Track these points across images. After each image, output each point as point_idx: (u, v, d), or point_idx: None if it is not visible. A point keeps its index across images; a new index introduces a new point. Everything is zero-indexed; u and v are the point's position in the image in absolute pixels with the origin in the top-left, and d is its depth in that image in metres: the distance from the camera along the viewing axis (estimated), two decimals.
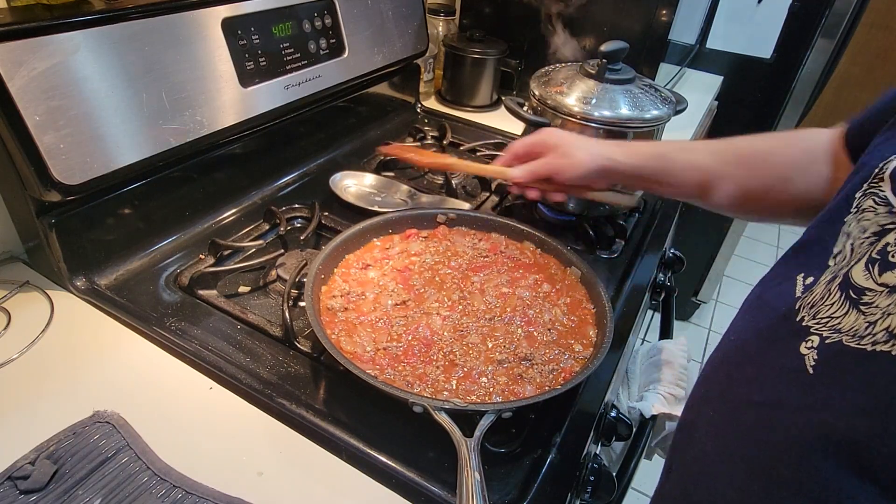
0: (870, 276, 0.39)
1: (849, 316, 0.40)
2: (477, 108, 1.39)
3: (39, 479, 0.49)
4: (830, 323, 0.41)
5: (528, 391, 0.60)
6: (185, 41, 0.74)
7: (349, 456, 0.56)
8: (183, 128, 0.75)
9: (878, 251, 0.39)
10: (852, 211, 0.44)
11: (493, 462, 0.57)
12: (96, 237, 0.72)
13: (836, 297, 0.41)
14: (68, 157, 0.63)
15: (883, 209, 0.41)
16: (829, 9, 1.67)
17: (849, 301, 0.40)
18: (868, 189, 0.43)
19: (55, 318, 0.68)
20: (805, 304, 0.44)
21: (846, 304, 0.40)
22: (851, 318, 0.39)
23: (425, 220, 0.83)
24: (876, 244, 0.40)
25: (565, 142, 0.74)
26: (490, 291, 0.73)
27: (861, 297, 0.39)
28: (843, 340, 0.39)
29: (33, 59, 0.59)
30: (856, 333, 0.38)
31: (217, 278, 0.77)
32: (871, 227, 0.41)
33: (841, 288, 0.41)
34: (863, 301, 0.39)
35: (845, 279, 0.41)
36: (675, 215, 1.06)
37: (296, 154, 1.02)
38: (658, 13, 1.25)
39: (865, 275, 0.39)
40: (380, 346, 0.63)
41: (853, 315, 0.39)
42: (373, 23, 1.05)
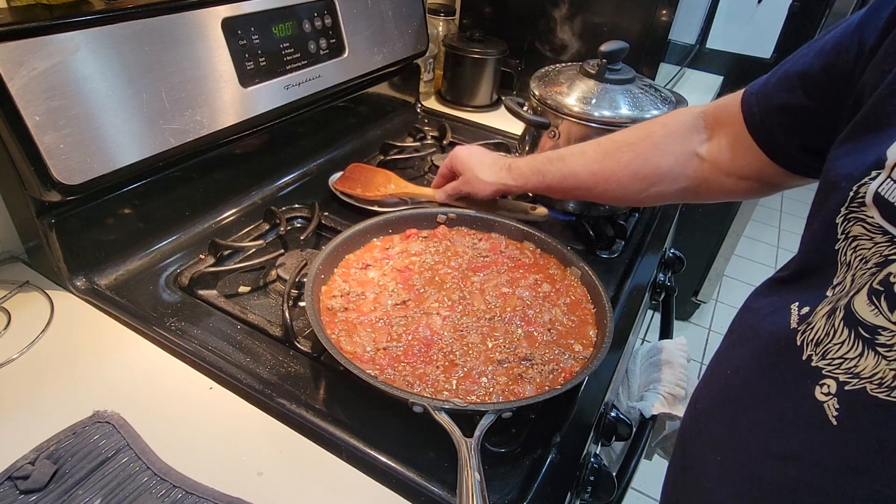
0: (879, 312, 0.36)
1: (866, 359, 0.37)
2: (477, 108, 1.39)
3: (39, 479, 0.49)
4: (845, 365, 0.38)
5: (528, 391, 0.60)
6: (185, 41, 0.74)
7: (349, 456, 0.56)
8: (183, 128, 0.75)
9: (881, 281, 0.37)
10: (839, 238, 0.42)
11: (493, 462, 0.57)
12: (96, 237, 0.72)
13: (845, 335, 0.38)
14: (68, 157, 0.63)
15: (882, 238, 0.38)
16: (829, 9, 1.67)
17: (861, 341, 0.37)
18: (850, 214, 0.40)
19: (55, 318, 0.68)
20: (808, 340, 0.41)
21: (859, 344, 0.37)
22: (870, 361, 0.37)
23: (425, 220, 0.83)
24: (877, 274, 0.38)
25: (468, 167, 0.81)
26: (490, 291, 0.73)
27: (875, 336, 0.36)
28: (868, 389, 0.36)
29: (33, 59, 0.59)
30: (882, 382, 0.36)
31: (217, 278, 0.77)
32: (874, 258, 0.39)
33: (847, 324, 0.38)
34: (878, 342, 0.36)
35: (848, 313, 0.38)
36: (675, 215, 1.06)
37: (296, 154, 1.02)
38: (658, 13, 1.25)
39: (873, 310, 0.37)
40: (380, 346, 0.63)
41: (871, 358, 0.37)
42: (373, 23, 1.05)
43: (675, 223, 1.06)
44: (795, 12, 1.70)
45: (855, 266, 0.40)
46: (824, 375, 0.39)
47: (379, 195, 0.94)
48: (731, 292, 2.66)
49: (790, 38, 1.73)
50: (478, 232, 0.84)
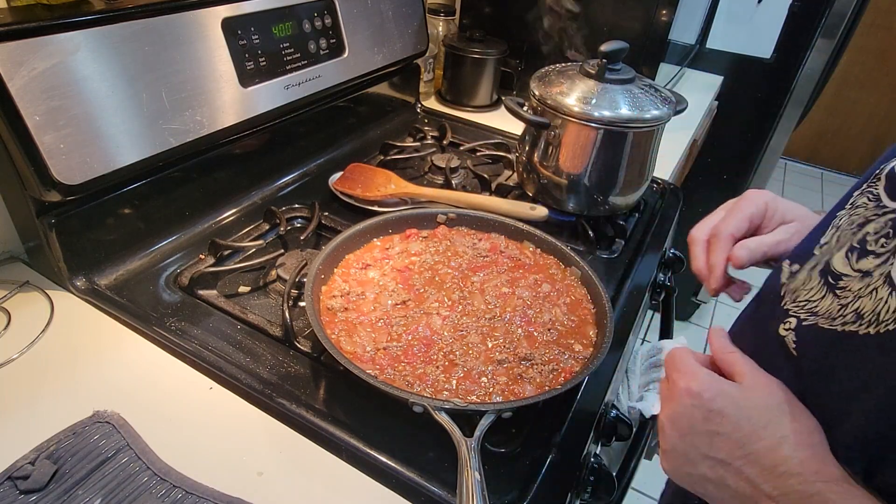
0: (848, 264, 0.41)
1: (824, 300, 0.41)
2: (477, 108, 1.39)
3: (39, 479, 0.49)
4: (808, 307, 0.43)
5: (528, 391, 0.60)
6: (185, 41, 0.74)
7: (349, 456, 0.56)
8: (183, 128, 0.75)
9: (859, 240, 0.41)
10: (846, 207, 0.45)
11: (493, 462, 0.57)
12: (96, 237, 0.72)
13: (816, 282, 0.43)
14: (68, 157, 0.63)
15: (872, 205, 0.42)
16: (829, 9, 1.67)
17: (826, 286, 0.42)
18: (866, 188, 0.44)
19: (55, 318, 0.68)
20: (788, 290, 0.46)
21: (823, 289, 0.42)
22: (827, 301, 0.41)
23: (425, 220, 0.83)
24: (858, 233, 0.41)
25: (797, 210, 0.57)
26: (490, 291, 0.73)
27: (837, 282, 0.41)
28: (818, 323, 0.41)
29: (33, 59, 0.59)
30: (829, 315, 0.40)
31: (217, 278, 0.77)
32: (858, 220, 0.42)
33: (821, 274, 0.43)
34: (839, 286, 0.41)
35: (826, 266, 0.43)
36: (675, 215, 1.06)
37: (296, 154, 1.02)
38: (658, 13, 1.25)
39: (844, 262, 0.41)
40: (380, 345, 0.63)
41: (829, 299, 0.41)
42: (373, 23, 1.05)
43: (675, 223, 1.06)
44: (795, 12, 1.70)
45: (843, 228, 0.44)
46: (789, 315, 0.44)
47: (379, 195, 0.94)
48: None
49: (790, 38, 1.73)
50: (478, 232, 0.84)
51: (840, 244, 0.43)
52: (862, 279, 0.39)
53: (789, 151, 3.90)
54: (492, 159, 1.16)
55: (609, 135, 0.88)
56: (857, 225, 0.42)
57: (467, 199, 0.93)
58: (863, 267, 0.39)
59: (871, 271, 0.39)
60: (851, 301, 0.39)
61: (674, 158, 1.28)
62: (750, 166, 1.98)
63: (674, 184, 1.17)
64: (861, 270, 0.39)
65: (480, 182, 1.05)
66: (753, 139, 1.92)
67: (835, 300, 0.40)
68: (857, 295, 0.39)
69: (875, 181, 0.43)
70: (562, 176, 0.92)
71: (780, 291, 0.47)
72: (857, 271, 0.40)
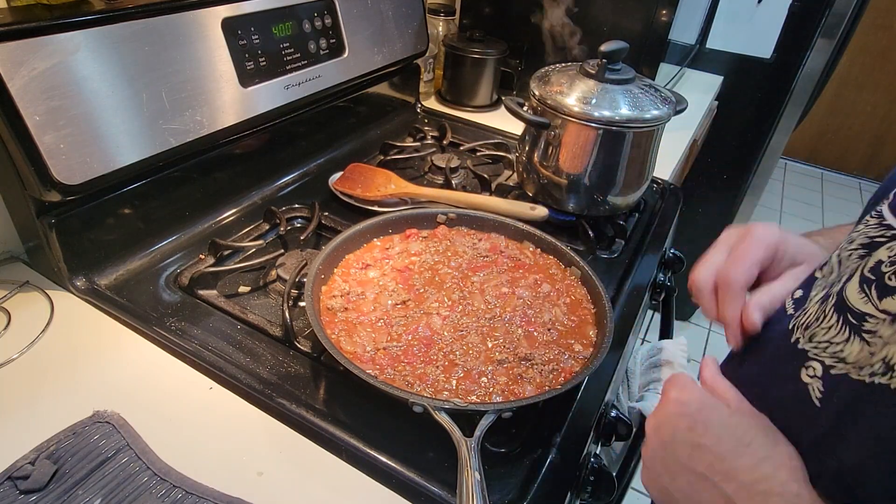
0: (868, 300, 0.37)
1: (851, 344, 0.37)
2: (477, 108, 1.39)
3: (39, 479, 0.49)
4: (830, 349, 0.39)
5: (528, 391, 0.60)
6: (185, 41, 0.74)
7: (349, 456, 0.56)
8: (183, 128, 0.75)
9: (871, 269, 0.37)
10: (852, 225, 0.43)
11: (493, 462, 0.57)
12: (96, 237, 0.72)
13: (833, 319, 0.39)
14: (68, 157, 0.63)
15: (873, 220, 0.40)
16: (829, 9, 1.67)
17: (848, 327, 0.38)
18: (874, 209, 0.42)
19: (55, 318, 0.68)
20: (799, 324, 0.42)
21: (846, 330, 0.38)
22: (855, 347, 0.37)
23: (425, 220, 0.83)
24: (867, 259, 0.38)
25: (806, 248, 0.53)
26: (490, 291, 0.73)
27: (862, 323, 0.37)
28: (851, 374, 0.37)
29: (33, 59, 0.59)
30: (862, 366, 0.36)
31: (217, 278, 0.77)
32: (859, 238, 0.40)
33: (837, 310, 0.39)
34: (864, 328, 0.37)
35: (840, 300, 0.39)
36: (675, 215, 1.06)
37: (296, 154, 1.02)
38: (658, 13, 1.25)
39: (863, 297, 0.37)
40: (380, 345, 0.63)
41: (857, 343, 0.37)
42: (373, 23, 1.05)
43: (675, 223, 1.06)
44: (795, 12, 1.70)
45: (840, 245, 0.42)
46: (810, 358, 0.40)
47: (379, 195, 0.94)
48: None
49: (790, 38, 1.73)
50: (478, 232, 0.84)
51: (846, 268, 0.40)
52: (892, 324, 0.35)
53: (789, 151, 3.90)
54: (492, 159, 1.16)
55: (609, 135, 0.88)
56: (861, 245, 0.39)
57: (467, 199, 0.93)
58: (890, 308, 0.35)
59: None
60: (879, 348, 0.35)
61: (674, 158, 1.28)
62: (750, 166, 1.98)
63: (674, 184, 1.17)
64: (889, 312, 0.35)
65: (480, 182, 1.05)
66: (753, 139, 1.92)
67: (864, 346, 0.36)
68: (885, 341, 0.35)
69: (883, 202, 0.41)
70: (562, 176, 0.92)
71: (787, 325, 0.43)
72: (885, 313, 0.36)
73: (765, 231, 0.51)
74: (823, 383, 0.39)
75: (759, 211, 3.19)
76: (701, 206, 2.09)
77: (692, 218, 2.09)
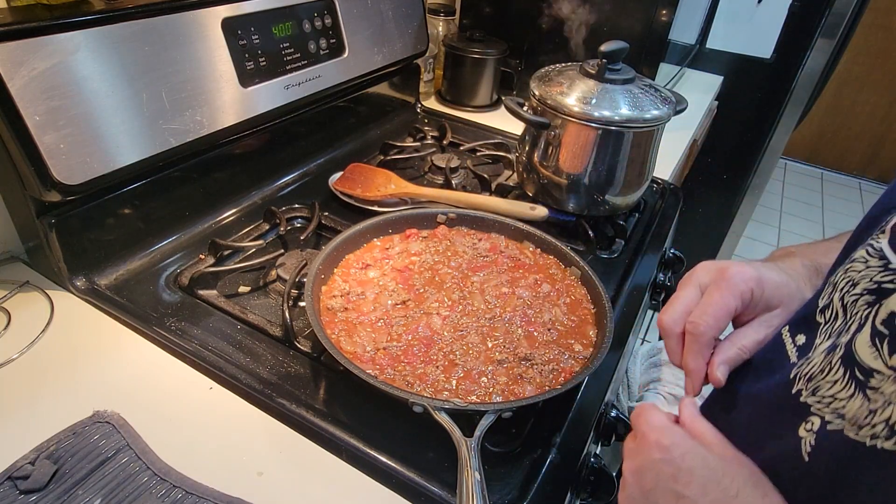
0: (878, 356, 0.34)
1: (854, 400, 0.35)
2: (477, 108, 1.39)
3: (39, 479, 0.49)
4: (834, 405, 0.37)
5: (528, 391, 0.60)
6: (185, 41, 0.74)
7: (349, 456, 0.56)
8: (183, 128, 0.75)
9: (884, 321, 0.35)
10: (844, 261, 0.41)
11: (493, 462, 0.57)
12: (96, 237, 0.72)
13: (840, 373, 0.37)
14: (68, 157, 0.63)
15: (876, 262, 0.37)
16: (829, 9, 1.67)
17: (854, 382, 0.35)
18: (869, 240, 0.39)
19: (55, 318, 0.68)
20: (801, 374, 0.40)
21: (852, 385, 0.36)
22: (856, 403, 0.35)
23: (425, 220, 0.83)
24: (877, 308, 0.36)
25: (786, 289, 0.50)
26: (490, 291, 0.73)
27: (869, 379, 0.35)
28: (844, 430, 0.35)
29: (33, 59, 0.59)
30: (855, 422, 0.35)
31: (217, 278, 0.77)
32: (863, 282, 0.37)
33: (844, 363, 0.36)
34: (870, 385, 0.34)
35: (848, 352, 0.36)
36: (675, 215, 1.06)
37: (296, 154, 1.02)
38: (658, 13, 1.25)
39: (873, 352, 0.35)
40: (380, 345, 0.63)
41: (859, 399, 0.35)
42: (373, 23, 1.05)
43: (675, 223, 1.06)
44: (795, 12, 1.70)
45: (842, 287, 0.39)
46: (812, 413, 0.38)
47: (379, 195, 0.94)
48: None
49: (790, 38, 1.73)
50: (478, 232, 0.84)
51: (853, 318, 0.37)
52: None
53: (789, 151, 3.90)
54: (492, 159, 1.16)
55: (609, 135, 0.88)
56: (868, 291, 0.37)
57: (467, 199, 0.93)
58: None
59: None
60: (881, 407, 0.33)
61: (674, 158, 1.28)
62: (750, 166, 1.98)
63: (674, 184, 1.17)
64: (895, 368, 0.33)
65: (480, 182, 1.05)
66: (753, 139, 1.92)
67: (864, 402, 0.34)
68: (888, 400, 0.33)
69: (878, 233, 0.38)
70: (562, 176, 0.92)
71: (790, 374, 0.41)
72: (892, 369, 0.33)
73: (739, 275, 0.48)
74: (816, 438, 0.37)
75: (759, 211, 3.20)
76: (701, 206, 2.10)
77: (692, 218, 2.09)
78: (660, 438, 0.42)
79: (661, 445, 0.42)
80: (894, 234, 0.37)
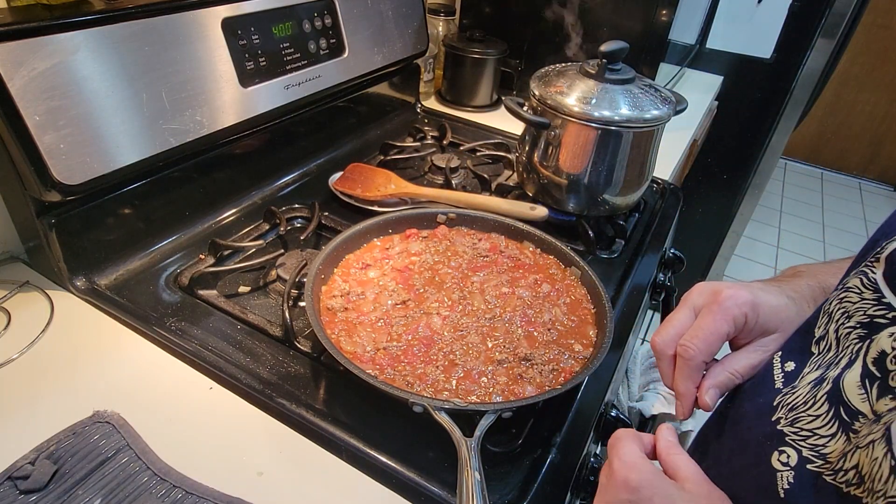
0: (866, 398, 0.33)
1: (837, 440, 0.34)
2: (477, 108, 1.39)
3: (39, 479, 0.49)
4: (812, 440, 0.35)
5: (528, 391, 0.60)
6: (185, 41, 0.74)
7: (349, 456, 0.56)
8: (183, 128, 0.75)
9: (875, 360, 0.34)
10: (837, 287, 0.40)
11: (493, 462, 0.57)
12: (96, 237, 0.72)
13: (823, 408, 0.36)
14: (68, 157, 0.63)
15: (870, 294, 0.36)
16: (829, 9, 1.67)
17: (838, 421, 0.34)
18: (864, 266, 0.38)
19: (55, 318, 0.68)
20: (784, 403, 0.39)
21: (835, 424, 0.35)
22: (839, 444, 0.34)
23: (425, 220, 0.83)
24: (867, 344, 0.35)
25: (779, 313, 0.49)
26: (490, 291, 0.73)
27: (853, 421, 0.33)
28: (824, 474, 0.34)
29: (33, 59, 0.59)
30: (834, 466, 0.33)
31: (217, 278, 0.77)
32: (856, 315, 0.37)
33: (830, 401, 0.35)
34: (853, 427, 0.33)
35: (836, 389, 0.35)
36: (675, 215, 1.06)
37: (296, 154, 1.02)
38: (658, 13, 1.25)
39: (861, 394, 0.33)
40: (380, 345, 0.63)
41: (841, 441, 0.34)
42: (373, 23, 1.05)
43: (675, 223, 1.06)
44: (795, 12, 1.70)
45: (837, 319, 0.38)
46: (786, 443, 0.37)
47: (379, 195, 0.94)
48: None
49: (790, 38, 1.73)
50: (478, 232, 0.84)
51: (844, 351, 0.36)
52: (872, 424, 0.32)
53: (789, 151, 3.90)
54: (492, 159, 1.16)
55: (609, 135, 0.87)
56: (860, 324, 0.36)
57: (467, 199, 0.93)
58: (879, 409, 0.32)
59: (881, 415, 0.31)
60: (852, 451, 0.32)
61: (674, 158, 1.28)
62: (750, 166, 1.98)
63: (674, 184, 1.17)
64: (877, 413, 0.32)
65: (480, 182, 1.05)
66: (753, 139, 1.92)
67: (846, 444, 0.33)
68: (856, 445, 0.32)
69: (873, 260, 0.37)
70: (562, 176, 0.92)
71: (772, 400, 0.40)
72: (875, 413, 0.32)
73: (732, 299, 0.46)
74: (794, 475, 0.35)
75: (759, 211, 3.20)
76: (701, 206, 2.10)
77: (692, 218, 2.09)
78: (628, 477, 0.41)
79: (628, 485, 0.40)
80: (889, 265, 0.36)
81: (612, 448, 0.44)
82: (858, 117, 3.66)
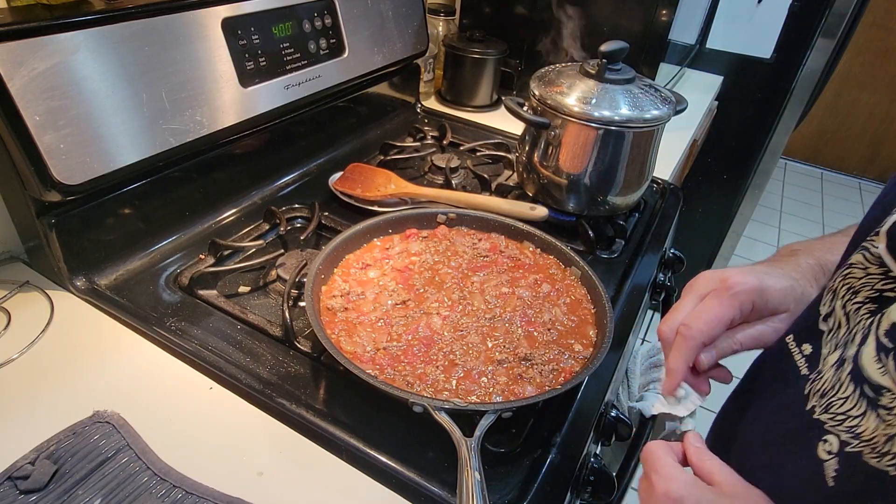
0: (886, 372, 0.34)
1: (867, 419, 0.34)
2: (477, 108, 1.39)
3: (39, 479, 0.49)
4: (847, 423, 0.36)
5: (528, 391, 0.60)
6: (185, 41, 0.74)
7: (349, 456, 0.56)
8: (183, 128, 0.75)
9: (887, 332, 0.34)
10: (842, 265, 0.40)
11: (493, 462, 0.57)
12: (96, 237, 0.72)
13: (850, 390, 0.36)
14: (68, 157, 0.63)
15: (876, 269, 0.37)
16: (829, 9, 1.67)
17: (865, 400, 0.35)
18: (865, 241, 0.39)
19: (55, 318, 0.68)
20: (815, 391, 0.39)
21: (863, 403, 0.35)
22: (871, 423, 0.34)
23: (425, 220, 0.83)
24: (878, 318, 0.35)
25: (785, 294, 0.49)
26: (490, 291, 0.73)
27: (879, 397, 0.34)
28: (864, 454, 0.34)
29: (33, 59, 0.59)
30: (875, 447, 0.33)
31: (217, 278, 0.77)
32: (864, 290, 0.37)
33: (854, 380, 0.36)
34: (881, 403, 0.34)
35: (856, 368, 0.36)
36: (675, 215, 1.06)
37: (296, 154, 1.02)
38: (658, 13, 1.25)
39: (880, 368, 0.34)
40: (380, 345, 0.63)
41: (872, 419, 0.34)
42: (373, 23, 1.05)
43: (675, 223, 1.06)
44: (795, 12, 1.70)
45: (842, 295, 0.39)
46: (827, 430, 0.37)
47: (379, 195, 0.94)
48: None
49: (790, 38, 1.73)
50: (478, 232, 0.84)
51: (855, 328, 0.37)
52: None
53: (789, 151, 3.90)
54: (492, 159, 1.16)
55: (609, 135, 0.88)
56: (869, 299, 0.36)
57: (467, 199, 0.93)
58: None
59: None
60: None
61: (674, 158, 1.28)
62: (750, 166, 1.98)
63: (674, 184, 1.17)
64: None
65: (480, 182, 1.05)
66: (753, 139, 1.92)
67: (879, 423, 0.34)
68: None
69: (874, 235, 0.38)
70: (562, 176, 0.92)
71: (802, 388, 0.40)
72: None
73: (740, 285, 0.46)
74: (839, 461, 0.36)
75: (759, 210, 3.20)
76: (701, 206, 2.10)
77: (692, 218, 2.09)
78: (669, 488, 0.41)
79: (671, 497, 0.41)
80: (891, 238, 0.36)
81: (647, 462, 0.44)
82: (858, 117, 3.66)
